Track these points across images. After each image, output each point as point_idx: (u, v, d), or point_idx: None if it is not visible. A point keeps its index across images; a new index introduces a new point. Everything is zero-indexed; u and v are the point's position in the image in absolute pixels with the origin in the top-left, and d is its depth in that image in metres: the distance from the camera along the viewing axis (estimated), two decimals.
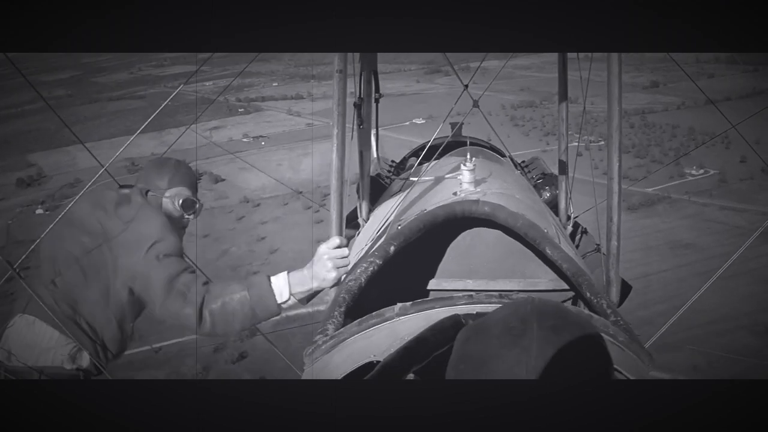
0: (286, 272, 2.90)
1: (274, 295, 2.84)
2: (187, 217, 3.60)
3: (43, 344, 3.02)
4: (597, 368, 1.40)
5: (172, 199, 3.54)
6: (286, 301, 2.87)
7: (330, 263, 2.82)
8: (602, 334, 1.43)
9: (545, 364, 1.33)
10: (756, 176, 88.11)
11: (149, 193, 3.50)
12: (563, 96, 4.83)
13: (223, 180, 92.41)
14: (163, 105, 3.63)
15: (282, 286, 2.85)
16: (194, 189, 3.68)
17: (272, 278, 2.87)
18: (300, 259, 2.99)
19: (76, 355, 3.04)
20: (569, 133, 4.89)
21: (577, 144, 4.87)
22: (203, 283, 2.96)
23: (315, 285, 2.85)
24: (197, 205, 3.64)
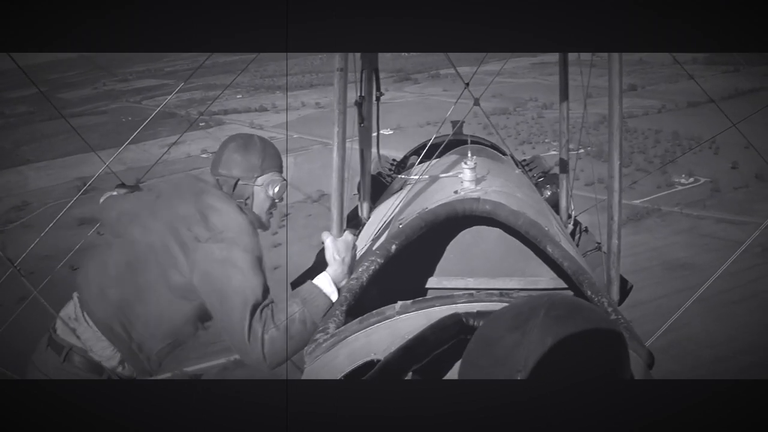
0: (326, 274, 2.87)
1: (331, 302, 2.81)
2: (277, 202, 3.37)
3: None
4: (603, 365, 1.39)
5: (265, 187, 3.28)
6: None
7: (353, 251, 2.94)
8: (617, 334, 1.42)
9: (544, 351, 1.32)
10: (751, 184, 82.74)
11: (239, 183, 3.25)
12: (564, 95, 4.82)
13: None
14: (160, 107, 3.61)
15: (331, 290, 2.84)
16: (282, 169, 3.39)
17: (319, 284, 2.84)
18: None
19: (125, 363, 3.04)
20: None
21: (576, 151, 4.86)
22: (269, 306, 2.81)
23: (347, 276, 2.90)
24: (244, 191, 3.30)
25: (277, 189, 3.29)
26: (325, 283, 2.83)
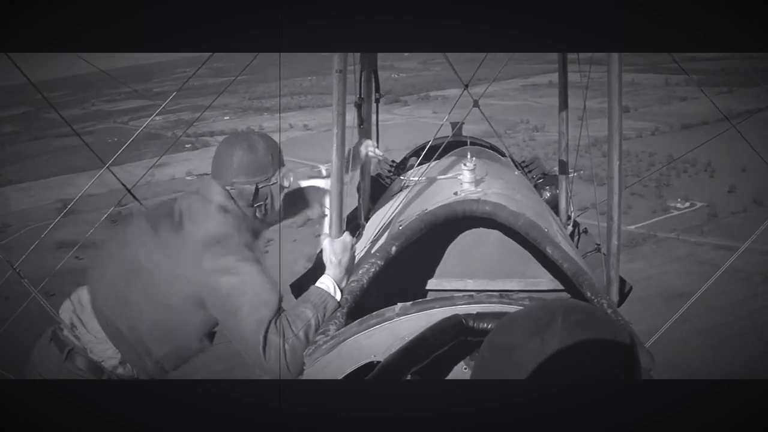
0: (327, 277, 2.85)
1: (338, 303, 2.79)
2: (257, 210, 3.13)
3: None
4: (620, 367, 1.39)
5: (280, 182, 3.14)
6: None
7: (351, 253, 2.92)
8: (630, 337, 1.42)
9: (566, 357, 1.33)
10: (749, 209, 79.19)
11: (260, 188, 3.10)
12: (563, 96, 4.83)
13: None
14: (160, 109, 3.58)
15: (337, 292, 2.82)
16: (265, 171, 3.11)
17: (325, 287, 2.82)
18: None
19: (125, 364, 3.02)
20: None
21: (576, 151, 4.86)
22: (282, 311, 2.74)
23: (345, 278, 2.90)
24: (265, 193, 3.12)
25: (291, 179, 3.25)
26: (330, 285, 2.81)
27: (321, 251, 3.03)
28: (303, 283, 3.56)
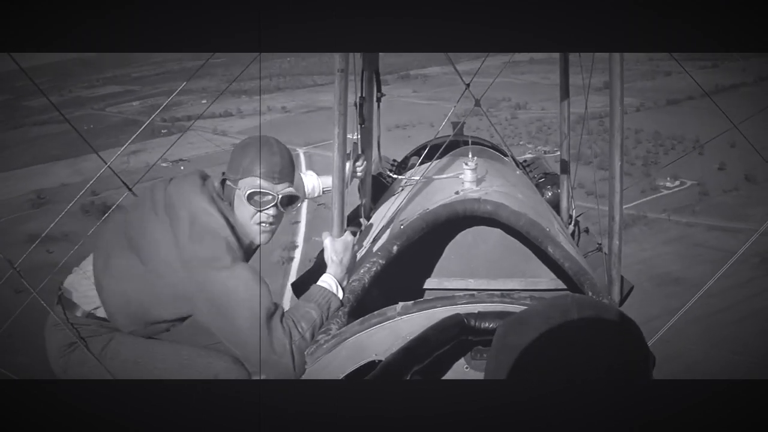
0: (329, 276, 2.83)
1: (341, 301, 2.77)
2: (261, 214, 2.95)
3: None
4: (635, 359, 1.40)
5: (244, 191, 2.91)
6: None
7: (352, 252, 2.90)
8: (637, 329, 1.43)
9: (584, 352, 1.33)
10: (741, 186, 76.02)
11: (226, 183, 2.99)
12: (564, 95, 4.82)
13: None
14: (166, 103, 3.57)
15: (339, 291, 2.80)
16: (277, 177, 2.95)
17: (328, 286, 2.78)
18: None
19: None
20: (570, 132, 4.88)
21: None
22: (281, 315, 2.65)
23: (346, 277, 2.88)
24: (271, 198, 2.94)
25: (247, 193, 2.91)
26: (332, 284, 2.79)
27: (322, 250, 3.03)
28: (304, 283, 3.56)
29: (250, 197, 2.90)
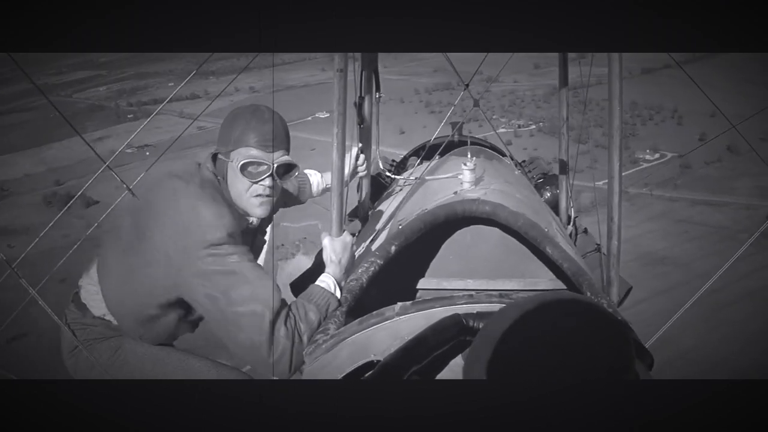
0: (328, 276, 2.79)
1: (339, 301, 2.74)
2: (258, 187, 2.81)
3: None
4: (616, 356, 1.40)
5: (236, 162, 2.76)
6: None
7: (350, 252, 2.88)
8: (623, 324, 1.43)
9: (560, 347, 1.33)
10: (724, 158, 71.05)
11: (218, 157, 2.85)
12: (564, 94, 4.83)
13: (97, 203, 75.65)
14: (173, 93, 3.56)
15: (336, 289, 2.77)
16: (270, 145, 2.80)
17: (327, 287, 2.74)
18: None
19: None
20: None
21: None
22: (286, 315, 2.57)
23: (345, 277, 2.85)
24: (266, 168, 2.78)
25: (241, 164, 2.74)
26: (330, 284, 2.76)
27: (320, 250, 3.03)
28: (303, 283, 3.56)
29: (243, 168, 2.75)
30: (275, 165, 2.82)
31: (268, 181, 2.83)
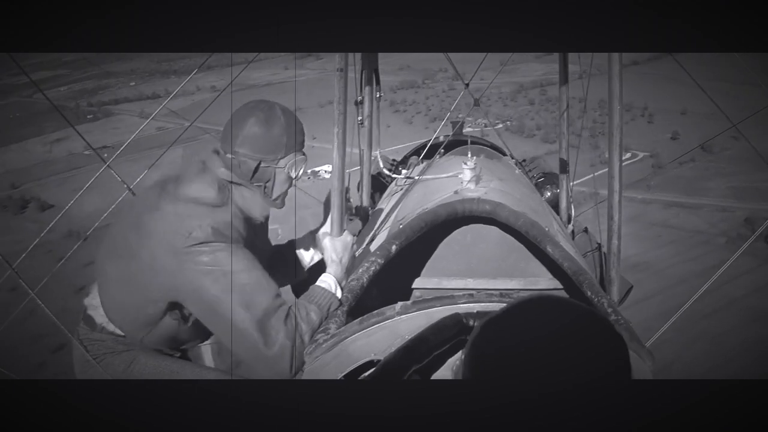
0: (329, 276, 2.78)
1: (340, 301, 2.72)
2: (261, 187, 2.83)
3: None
4: (607, 361, 1.40)
5: (288, 168, 2.84)
6: None
7: (351, 252, 2.89)
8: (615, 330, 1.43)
9: (549, 352, 1.33)
10: (697, 157, 67.23)
11: (261, 166, 2.81)
12: (564, 94, 4.83)
13: (52, 206, 70.37)
14: (177, 90, 3.56)
15: (337, 289, 2.75)
16: (273, 151, 2.78)
17: (329, 287, 2.73)
18: None
19: None
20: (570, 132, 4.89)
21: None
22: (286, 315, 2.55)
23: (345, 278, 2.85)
24: (267, 174, 2.80)
25: (301, 171, 2.88)
26: (332, 284, 2.74)
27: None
28: (303, 282, 3.56)
29: (294, 169, 2.86)
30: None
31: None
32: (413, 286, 3.25)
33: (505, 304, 1.50)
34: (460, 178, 3.41)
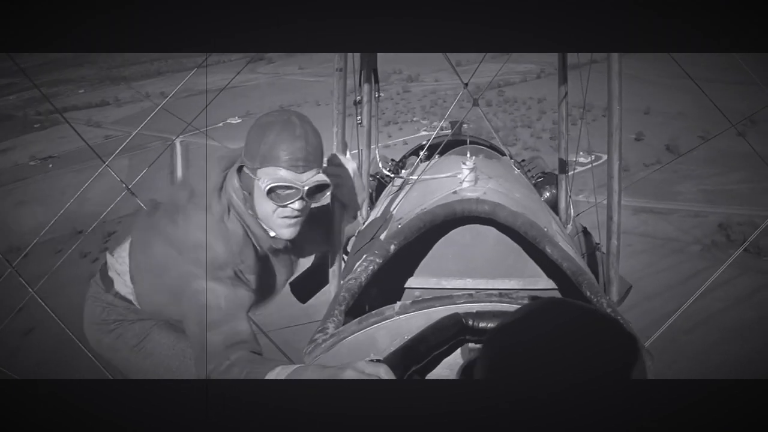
0: (287, 370, 2.23)
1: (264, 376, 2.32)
2: (286, 209, 2.54)
3: None
4: (622, 365, 1.41)
5: (263, 183, 2.48)
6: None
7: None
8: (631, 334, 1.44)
9: (565, 356, 1.34)
10: (663, 158, 63.52)
11: (243, 170, 2.57)
12: (563, 95, 4.84)
13: None
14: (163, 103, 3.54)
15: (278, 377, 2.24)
16: (302, 165, 2.48)
17: (277, 371, 2.23)
18: None
19: None
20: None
21: (576, 152, 4.88)
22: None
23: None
24: (295, 192, 2.49)
25: (268, 190, 2.47)
26: (278, 374, 2.21)
27: (321, 253, 3.03)
28: (303, 283, 3.56)
29: (270, 191, 2.48)
30: (306, 189, 2.53)
31: (297, 204, 2.55)
32: (412, 285, 3.25)
33: (510, 305, 1.51)
34: (459, 178, 3.41)
